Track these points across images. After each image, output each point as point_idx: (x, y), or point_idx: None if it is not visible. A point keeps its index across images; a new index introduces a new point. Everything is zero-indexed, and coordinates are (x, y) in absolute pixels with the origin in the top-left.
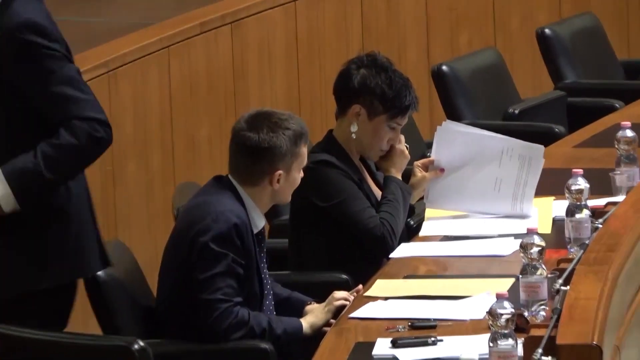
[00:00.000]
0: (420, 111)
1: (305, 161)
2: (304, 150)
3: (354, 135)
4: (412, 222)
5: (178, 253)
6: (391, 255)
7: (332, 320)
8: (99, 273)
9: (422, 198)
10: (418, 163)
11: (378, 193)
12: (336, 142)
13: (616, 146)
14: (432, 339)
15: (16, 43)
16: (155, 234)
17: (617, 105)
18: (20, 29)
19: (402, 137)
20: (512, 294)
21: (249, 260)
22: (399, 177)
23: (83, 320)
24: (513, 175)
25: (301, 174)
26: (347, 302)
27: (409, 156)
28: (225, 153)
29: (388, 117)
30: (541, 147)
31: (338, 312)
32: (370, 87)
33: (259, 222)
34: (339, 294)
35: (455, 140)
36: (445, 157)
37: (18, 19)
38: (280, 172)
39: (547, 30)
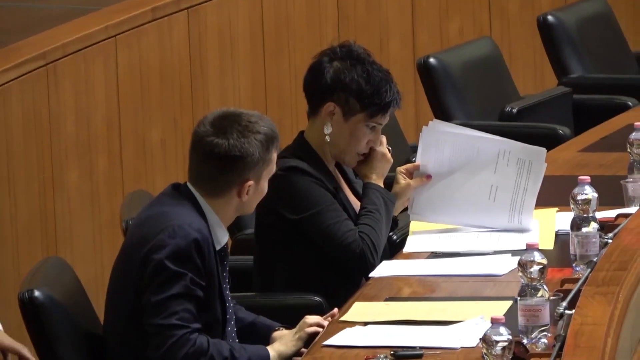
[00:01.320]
0: (404, 110)
1: (274, 168)
2: (275, 156)
3: (327, 138)
4: (394, 237)
5: (128, 272)
6: (371, 275)
7: (303, 349)
8: (36, 294)
9: (406, 209)
10: (401, 169)
11: (357, 204)
12: (308, 146)
13: (628, 150)
14: None
15: None
16: (100, 250)
17: (629, 103)
18: None
19: (384, 139)
20: (510, 319)
21: (210, 280)
22: (381, 184)
23: None
24: (511, 183)
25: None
26: (321, 329)
27: (391, 160)
28: (180, 158)
29: (366, 116)
30: (543, 149)
31: (310, 339)
32: (345, 83)
33: (222, 238)
34: (311, 319)
35: (444, 143)
36: (433, 162)
37: None
38: (250, 182)
39: (550, 17)
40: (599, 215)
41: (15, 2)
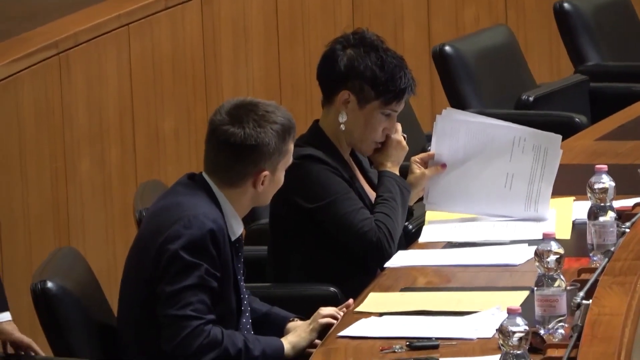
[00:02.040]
0: (419, 98)
1: (291, 159)
2: (291, 147)
3: (342, 127)
4: (410, 227)
5: (142, 263)
6: (386, 265)
7: (317, 341)
8: (49, 284)
9: (421, 199)
10: (416, 158)
11: (372, 194)
12: (323, 134)
13: None
14: None
15: None
16: (113, 240)
17: None
18: None
19: (399, 126)
20: (526, 309)
21: (225, 272)
22: (396, 172)
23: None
24: (527, 170)
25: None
26: (335, 320)
27: (406, 147)
28: (193, 147)
29: (381, 103)
30: (558, 136)
31: (324, 331)
32: (359, 70)
33: (237, 229)
34: (325, 310)
35: (458, 131)
36: (447, 150)
37: None
38: (266, 172)
39: (566, 5)
40: (616, 204)
41: None
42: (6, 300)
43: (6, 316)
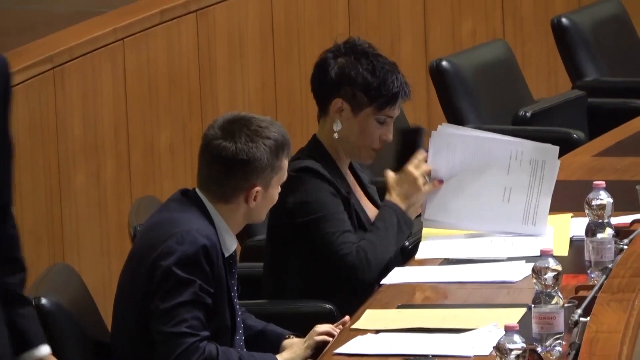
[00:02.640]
0: (416, 113)
1: (285, 176)
2: (285, 164)
3: (336, 135)
4: (407, 243)
5: (136, 279)
6: (383, 282)
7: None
8: (43, 301)
9: (419, 216)
10: None
11: (369, 208)
12: (322, 147)
13: None
14: None
15: None
16: (108, 255)
17: None
18: None
19: (421, 156)
20: (523, 326)
21: (218, 288)
22: (401, 205)
23: None
24: (524, 183)
25: (279, 190)
26: (330, 338)
27: (421, 189)
28: (189, 162)
29: (375, 109)
30: (555, 147)
31: (320, 348)
32: (351, 76)
33: (231, 245)
34: (321, 327)
35: (455, 146)
36: (444, 166)
37: None
38: (258, 188)
39: (564, 20)
40: (614, 220)
41: (20, 4)
42: (42, 332)
43: (45, 350)
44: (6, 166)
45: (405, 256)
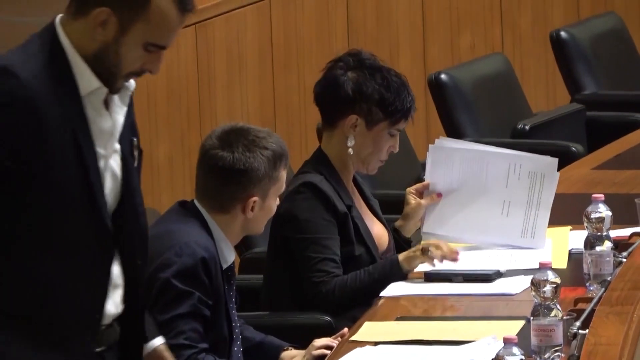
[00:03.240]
0: (415, 126)
1: (283, 187)
2: (283, 175)
3: (351, 151)
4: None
5: None
6: (382, 294)
7: None
8: None
9: (418, 230)
10: (411, 189)
11: (371, 221)
12: (327, 160)
13: None
14: None
15: None
16: None
17: None
18: None
19: (444, 246)
20: (522, 339)
21: (217, 300)
22: (406, 263)
23: None
24: (523, 197)
25: (278, 202)
26: (329, 351)
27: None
28: (187, 174)
29: (389, 123)
30: (554, 160)
31: None
32: (367, 93)
33: (229, 256)
34: (319, 341)
35: (453, 159)
36: (442, 179)
37: None
38: (255, 198)
39: (563, 33)
40: (613, 233)
41: (8, 16)
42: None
43: (160, 340)
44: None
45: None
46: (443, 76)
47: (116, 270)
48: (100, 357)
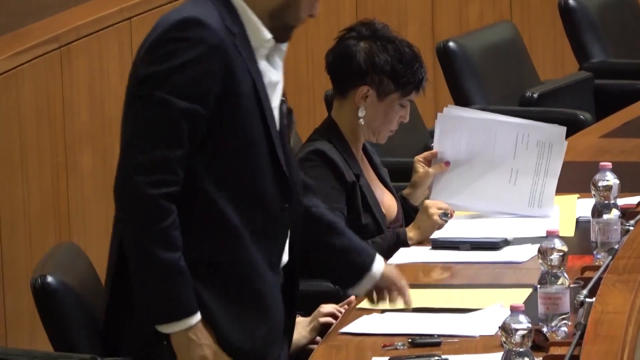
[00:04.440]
0: (422, 95)
1: None
2: None
3: (362, 121)
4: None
5: None
6: (389, 262)
7: (318, 338)
8: (49, 279)
9: (427, 199)
10: (419, 157)
11: (380, 190)
12: (337, 129)
13: None
14: (436, 357)
15: None
16: None
17: None
18: None
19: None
20: (529, 307)
21: None
22: (412, 236)
23: (30, 334)
24: (531, 166)
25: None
26: (335, 320)
27: (437, 224)
28: None
29: (401, 95)
30: (562, 129)
31: (325, 327)
32: (379, 65)
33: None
34: (326, 308)
35: (461, 128)
36: (450, 148)
37: None
38: None
39: (571, 1)
40: (621, 202)
41: None
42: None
43: (380, 263)
44: None
45: None
46: (451, 44)
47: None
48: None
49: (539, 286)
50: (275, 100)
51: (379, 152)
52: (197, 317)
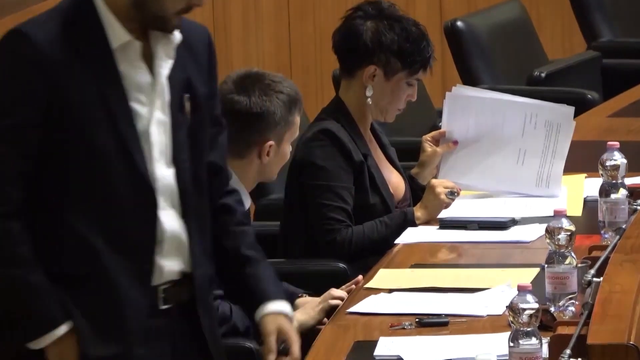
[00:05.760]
0: (430, 74)
1: (297, 132)
2: (297, 120)
3: (369, 101)
4: None
5: None
6: (397, 241)
7: (325, 319)
8: None
9: (435, 177)
10: (427, 137)
11: (388, 170)
12: (345, 108)
13: None
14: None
15: None
16: None
17: None
18: None
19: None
20: (537, 286)
21: None
22: (421, 214)
23: None
24: (539, 146)
25: (290, 148)
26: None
27: (444, 203)
28: None
29: (408, 73)
30: (570, 109)
31: (332, 310)
32: (386, 44)
33: (245, 202)
34: (336, 292)
35: (469, 107)
36: (458, 127)
37: None
38: (271, 142)
39: None
40: (628, 181)
41: None
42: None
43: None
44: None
45: None
46: (459, 23)
47: (174, 224)
48: (166, 313)
49: (546, 266)
50: (152, 101)
51: (387, 132)
52: (62, 328)
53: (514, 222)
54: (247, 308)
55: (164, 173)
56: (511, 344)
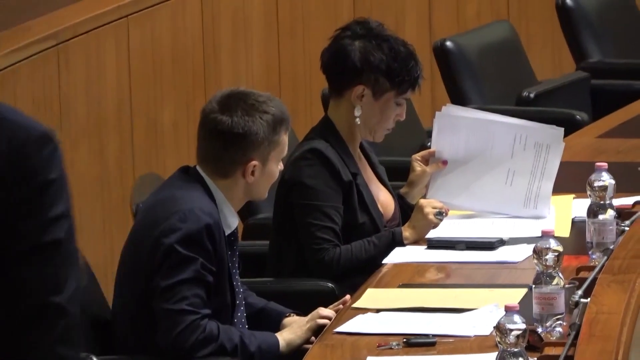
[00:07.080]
0: (420, 94)
1: (285, 151)
2: (285, 139)
3: (358, 120)
4: None
5: (138, 256)
6: (385, 261)
7: (312, 338)
8: None
9: (423, 197)
10: (417, 156)
11: (378, 188)
12: (333, 128)
13: None
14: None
15: None
16: (110, 233)
17: None
18: None
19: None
20: (524, 307)
21: (220, 266)
22: (409, 234)
23: None
24: (528, 167)
25: (280, 167)
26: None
27: (432, 223)
28: (192, 140)
29: (397, 93)
30: (560, 130)
31: (320, 330)
32: (374, 64)
33: (232, 222)
34: (324, 311)
35: (459, 127)
36: (448, 147)
37: None
38: (255, 162)
39: (569, 1)
40: (616, 202)
41: None
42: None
43: None
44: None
45: None
46: (448, 43)
47: None
48: None
49: (534, 286)
50: None
51: (376, 151)
52: None
53: (501, 242)
54: None
55: None
56: None
